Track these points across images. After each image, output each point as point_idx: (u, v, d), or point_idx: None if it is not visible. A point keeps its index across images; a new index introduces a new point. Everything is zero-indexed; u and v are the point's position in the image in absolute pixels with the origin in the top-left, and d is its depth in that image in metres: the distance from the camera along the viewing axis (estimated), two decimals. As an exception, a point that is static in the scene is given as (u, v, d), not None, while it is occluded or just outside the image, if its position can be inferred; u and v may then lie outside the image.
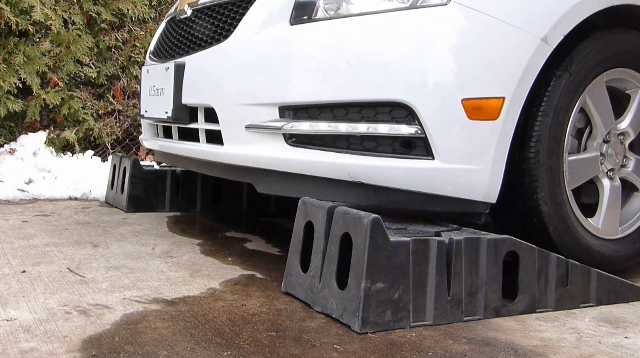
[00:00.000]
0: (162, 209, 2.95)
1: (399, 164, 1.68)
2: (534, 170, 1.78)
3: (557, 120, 1.80)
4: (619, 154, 1.99)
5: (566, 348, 1.39)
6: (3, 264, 1.83)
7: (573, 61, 1.83)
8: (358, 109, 1.70)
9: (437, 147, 1.65)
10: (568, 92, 1.82)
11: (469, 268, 1.53)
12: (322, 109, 1.74)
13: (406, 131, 1.66)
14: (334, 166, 1.73)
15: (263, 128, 1.80)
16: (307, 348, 1.28)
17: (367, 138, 1.70)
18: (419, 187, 1.69)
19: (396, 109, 1.67)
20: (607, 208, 1.97)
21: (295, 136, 1.77)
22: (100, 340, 1.26)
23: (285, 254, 2.16)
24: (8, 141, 3.79)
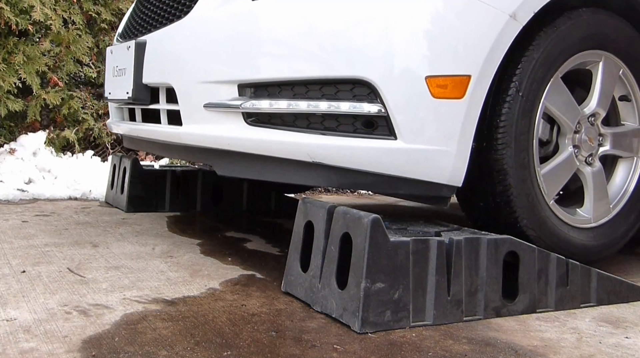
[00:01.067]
0: (162, 209, 2.95)
1: (360, 144, 1.62)
2: (503, 155, 1.72)
3: (527, 103, 1.75)
4: (593, 139, 1.94)
5: (566, 348, 1.39)
6: (3, 264, 1.83)
7: (545, 41, 1.76)
8: (319, 86, 1.64)
9: (399, 126, 1.60)
10: (538, 73, 1.77)
11: (469, 268, 1.53)
12: (282, 87, 1.68)
13: (368, 110, 1.60)
14: (293, 146, 1.67)
15: (221, 107, 1.74)
16: (307, 349, 1.28)
17: (328, 117, 1.65)
18: (381, 168, 1.63)
19: (358, 86, 1.61)
20: (593, 194, 1.96)
21: (254, 115, 1.72)
22: (100, 340, 1.26)
23: (285, 254, 2.16)
24: (8, 141, 3.79)
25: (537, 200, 1.79)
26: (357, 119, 1.63)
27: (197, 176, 3.03)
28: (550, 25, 1.79)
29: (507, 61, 1.72)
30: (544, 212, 1.82)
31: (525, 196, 1.76)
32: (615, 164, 2.10)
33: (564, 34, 1.81)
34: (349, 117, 1.63)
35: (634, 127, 2.06)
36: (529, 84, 1.75)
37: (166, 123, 2.00)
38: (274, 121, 1.70)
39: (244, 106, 1.69)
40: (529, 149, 1.77)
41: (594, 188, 1.97)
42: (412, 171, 1.63)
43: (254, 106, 1.68)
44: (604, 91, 1.95)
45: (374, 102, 1.60)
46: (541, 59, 1.76)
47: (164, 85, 1.97)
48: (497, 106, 1.74)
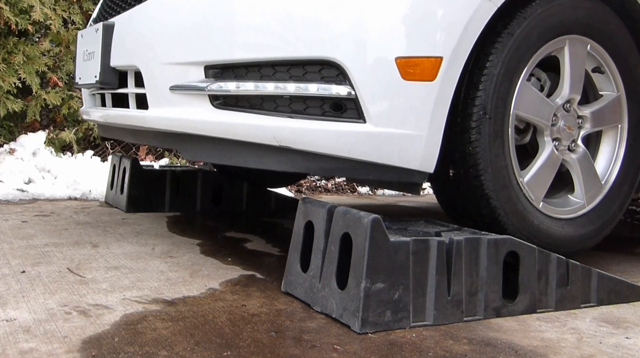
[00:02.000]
0: (162, 209, 2.95)
1: (328, 128, 1.58)
2: (476, 144, 1.68)
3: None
4: (572, 126, 1.90)
5: (567, 348, 1.39)
6: (3, 264, 1.82)
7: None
8: (286, 68, 1.60)
9: (368, 109, 1.55)
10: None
11: (469, 268, 1.53)
12: (249, 69, 1.64)
13: (336, 92, 1.56)
14: (259, 129, 1.62)
15: (187, 89, 1.70)
16: (307, 349, 1.28)
17: (296, 99, 1.60)
18: (350, 153, 1.59)
19: (326, 68, 1.57)
20: (582, 178, 1.94)
21: (221, 98, 1.68)
22: (100, 341, 1.26)
23: (285, 254, 2.16)
24: (8, 141, 3.79)
25: (522, 207, 1.78)
26: (325, 102, 1.59)
27: (197, 176, 3.03)
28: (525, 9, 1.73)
29: (483, 42, 1.66)
30: (532, 216, 1.81)
31: (507, 202, 1.75)
32: (600, 137, 2.04)
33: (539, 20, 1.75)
34: (316, 99, 1.59)
35: (613, 97, 1.99)
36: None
37: (135, 108, 1.95)
38: (240, 103, 1.66)
39: (210, 88, 1.65)
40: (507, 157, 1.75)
41: (582, 172, 1.94)
42: (382, 156, 1.59)
43: (221, 88, 1.64)
44: (574, 74, 1.88)
45: (342, 84, 1.56)
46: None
47: (132, 68, 1.92)
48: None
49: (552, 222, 1.87)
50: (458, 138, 1.71)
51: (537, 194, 1.83)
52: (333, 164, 1.63)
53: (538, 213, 1.83)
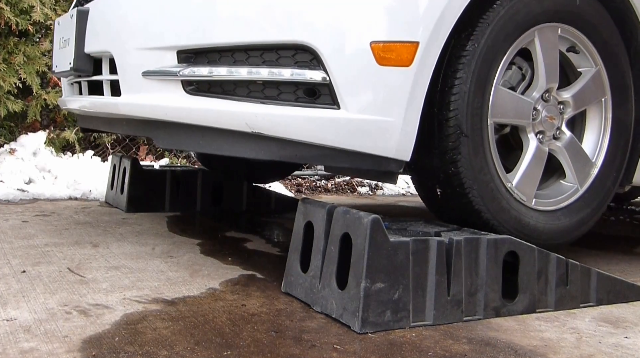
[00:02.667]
0: (162, 209, 2.95)
1: (302, 114, 1.55)
2: (459, 164, 1.66)
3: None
4: (555, 116, 1.87)
5: (566, 348, 1.39)
6: (3, 264, 1.83)
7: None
8: (259, 52, 1.57)
9: (342, 95, 1.53)
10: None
11: (468, 268, 1.53)
12: (222, 54, 1.62)
13: (310, 77, 1.53)
14: (232, 115, 1.60)
15: (159, 74, 1.67)
16: (307, 348, 1.29)
17: (269, 85, 1.58)
18: (324, 140, 1.55)
19: (300, 52, 1.54)
20: (572, 162, 1.92)
21: (194, 83, 1.65)
22: (100, 340, 1.26)
23: (285, 254, 2.16)
24: (8, 141, 3.79)
25: (516, 211, 1.77)
26: (299, 88, 1.56)
27: (197, 176, 3.03)
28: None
29: (461, 27, 1.62)
30: (527, 218, 1.80)
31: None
32: (585, 115, 2.00)
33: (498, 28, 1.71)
34: (290, 85, 1.57)
35: (593, 72, 1.94)
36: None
37: (109, 95, 1.91)
38: (213, 89, 1.63)
39: (183, 73, 1.63)
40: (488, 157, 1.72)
41: (571, 157, 1.92)
42: (357, 144, 1.56)
43: (193, 74, 1.62)
44: (548, 64, 1.82)
45: (316, 70, 1.53)
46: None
47: (105, 54, 1.89)
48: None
49: (548, 217, 1.86)
50: (438, 159, 1.69)
51: (528, 193, 1.82)
52: (307, 151, 1.60)
53: (532, 212, 1.83)
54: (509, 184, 1.77)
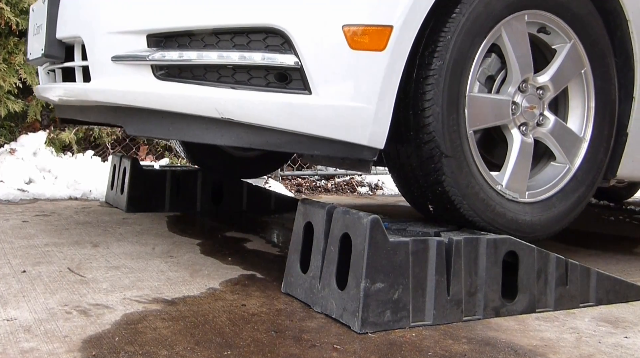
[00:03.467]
0: (162, 209, 2.95)
1: (272, 99, 1.52)
2: (445, 184, 1.64)
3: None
4: (536, 105, 1.81)
5: (566, 348, 1.39)
6: (3, 264, 1.83)
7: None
8: (230, 36, 1.55)
9: (314, 80, 1.49)
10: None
11: (468, 268, 1.53)
12: (192, 37, 1.59)
13: (281, 61, 1.50)
14: (201, 101, 1.57)
15: (129, 59, 1.63)
16: (307, 348, 1.29)
17: (239, 69, 1.55)
18: (295, 126, 1.52)
19: (270, 36, 1.51)
20: (560, 145, 1.88)
21: (163, 68, 1.62)
22: (100, 340, 1.27)
23: (285, 254, 2.16)
24: (8, 141, 3.79)
25: (512, 213, 1.76)
26: (270, 72, 1.53)
27: (197, 176, 3.04)
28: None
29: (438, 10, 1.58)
30: (523, 215, 1.79)
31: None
32: (567, 91, 1.94)
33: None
34: (261, 69, 1.54)
35: (568, 47, 1.87)
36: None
37: (81, 81, 1.86)
38: (184, 74, 1.60)
39: (152, 57, 1.60)
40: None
41: (558, 139, 1.88)
42: (328, 130, 1.53)
43: (163, 58, 1.59)
44: (519, 55, 1.76)
45: (287, 54, 1.50)
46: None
47: (77, 39, 1.85)
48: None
49: (544, 207, 1.84)
50: (424, 181, 1.68)
51: (520, 188, 1.79)
52: (278, 138, 1.57)
53: (527, 207, 1.80)
54: (499, 187, 1.75)
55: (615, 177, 2.02)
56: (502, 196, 1.75)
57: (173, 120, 1.66)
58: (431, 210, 1.75)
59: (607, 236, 3.17)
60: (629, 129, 1.98)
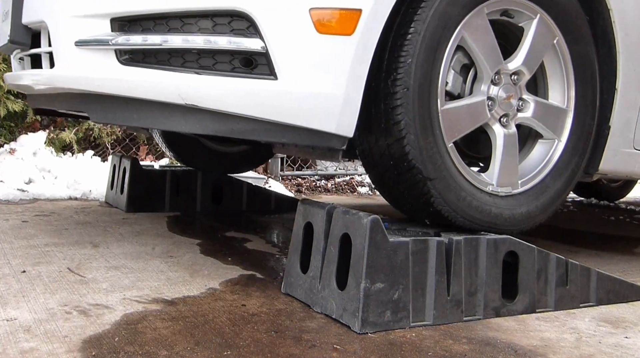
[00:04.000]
0: (162, 209, 2.95)
1: (237, 85, 1.48)
2: (435, 201, 1.60)
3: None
4: (512, 96, 1.76)
5: (566, 348, 1.39)
6: (3, 264, 1.83)
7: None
8: (195, 20, 1.52)
9: (279, 65, 1.45)
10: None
11: (468, 268, 1.53)
12: (156, 21, 1.55)
13: (247, 46, 1.46)
14: (164, 86, 1.53)
15: (92, 43, 1.59)
16: (307, 348, 1.29)
17: (204, 54, 1.51)
18: (261, 113, 1.49)
19: (236, 19, 1.48)
20: (544, 126, 1.84)
21: (127, 53, 1.58)
22: (100, 340, 1.26)
23: (285, 254, 2.16)
24: (8, 141, 3.79)
25: (509, 211, 1.74)
26: (235, 57, 1.50)
27: (197, 176, 3.03)
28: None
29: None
30: (519, 208, 1.76)
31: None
32: (543, 65, 1.86)
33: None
34: (226, 54, 1.50)
35: (534, 22, 1.78)
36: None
37: (48, 68, 1.82)
38: (148, 59, 1.56)
39: (116, 41, 1.56)
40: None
41: (541, 118, 1.82)
42: (295, 117, 1.49)
43: (127, 42, 1.55)
44: (486, 53, 1.70)
45: (252, 37, 1.46)
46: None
47: (42, 24, 1.80)
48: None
49: (538, 192, 1.80)
50: (415, 201, 1.66)
51: (512, 181, 1.76)
52: (243, 125, 1.54)
53: (522, 198, 1.77)
54: (490, 188, 1.72)
55: (598, 171, 1.98)
56: (495, 195, 1.73)
57: (137, 107, 1.62)
58: (427, 223, 1.74)
59: (607, 236, 3.17)
60: (611, 122, 1.94)
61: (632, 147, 2.02)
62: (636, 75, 1.96)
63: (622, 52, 1.91)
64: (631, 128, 1.99)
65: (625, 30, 1.90)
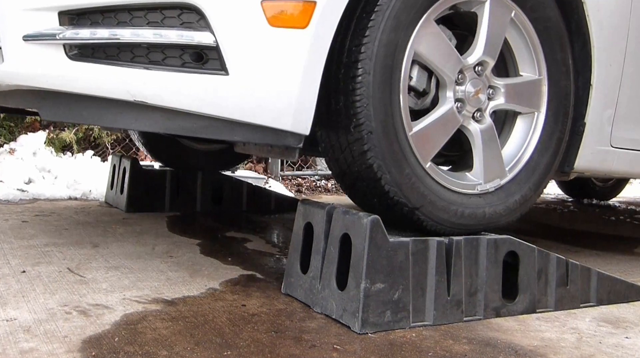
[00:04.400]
0: (162, 209, 2.95)
1: (187, 80, 1.43)
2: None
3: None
4: (480, 90, 1.69)
5: (567, 348, 1.39)
6: (3, 264, 1.83)
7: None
8: (143, 12, 1.47)
9: (231, 60, 1.41)
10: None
11: (468, 268, 1.53)
12: (105, 14, 1.51)
13: (198, 40, 1.41)
14: (113, 82, 1.48)
15: (39, 38, 1.54)
16: (307, 349, 1.28)
17: (154, 49, 1.47)
18: (212, 110, 1.44)
19: (186, 12, 1.43)
20: (518, 98, 1.76)
21: (76, 48, 1.52)
22: (100, 340, 1.26)
23: (285, 254, 2.16)
24: (8, 141, 3.79)
25: (505, 204, 1.71)
26: (186, 51, 1.45)
27: (197, 176, 3.03)
28: None
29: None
30: (515, 194, 1.73)
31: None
32: (508, 44, 1.78)
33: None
34: (176, 48, 1.46)
35: (486, 8, 1.68)
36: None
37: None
38: (97, 54, 1.51)
39: (63, 35, 1.50)
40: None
41: (516, 99, 1.76)
42: (247, 114, 1.44)
43: (75, 36, 1.50)
44: (441, 57, 1.62)
45: (203, 31, 1.41)
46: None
47: None
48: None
49: (527, 174, 1.75)
50: (408, 228, 1.63)
51: (499, 171, 1.71)
52: (195, 122, 1.49)
53: (513, 186, 1.73)
54: (479, 188, 1.69)
55: (574, 170, 1.92)
56: (485, 194, 1.70)
57: (87, 104, 1.58)
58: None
59: (608, 236, 3.17)
60: (586, 119, 1.88)
61: (609, 144, 1.97)
62: (612, 70, 1.91)
63: (596, 47, 1.85)
64: (608, 125, 1.94)
65: (600, 25, 1.85)
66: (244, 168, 4.50)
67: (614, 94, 1.93)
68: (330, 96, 1.55)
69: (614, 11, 1.89)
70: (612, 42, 1.90)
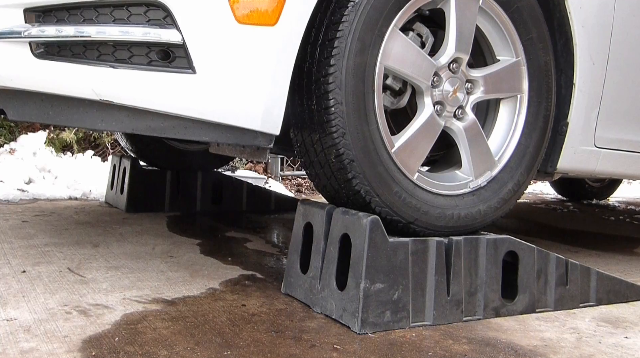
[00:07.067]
0: (162, 209, 2.95)
1: (154, 79, 1.41)
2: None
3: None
4: (459, 88, 1.67)
5: (566, 348, 1.39)
6: (3, 264, 1.83)
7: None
8: (109, 9, 1.44)
9: (198, 58, 1.38)
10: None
11: (468, 268, 1.53)
12: (71, 11, 1.48)
13: (163, 37, 1.39)
14: (78, 81, 1.45)
15: (5, 35, 1.51)
16: (306, 348, 1.29)
17: (120, 46, 1.44)
18: (179, 109, 1.42)
19: (152, 9, 1.41)
20: (496, 88, 1.73)
21: (42, 46, 1.50)
22: (100, 340, 1.27)
23: (285, 254, 2.16)
24: (8, 141, 3.80)
25: (502, 195, 1.69)
26: (152, 49, 1.43)
27: (197, 176, 3.04)
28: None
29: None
30: (510, 183, 1.71)
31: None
32: (481, 31, 1.74)
33: None
34: (142, 46, 1.43)
35: (455, 11, 1.63)
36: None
37: None
38: (63, 52, 1.49)
39: (29, 33, 1.48)
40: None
41: (495, 87, 1.74)
42: (216, 114, 1.41)
43: (41, 34, 1.47)
44: (413, 66, 1.58)
45: (169, 28, 1.39)
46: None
47: None
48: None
49: (518, 159, 1.72)
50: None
51: (490, 162, 1.69)
52: (162, 122, 1.47)
53: (505, 174, 1.71)
54: (472, 185, 1.67)
55: (557, 170, 1.90)
56: (478, 190, 1.68)
57: (52, 103, 1.55)
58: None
59: (608, 236, 3.17)
60: (569, 118, 1.85)
61: (593, 145, 1.94)
62: (595, 69, 1.88)
63: (579, 45, 1.83)
64: (591, 125, 1.91)
65: (582, 22, 1.82)
66: (244, 168, 4.50)
67: (597, 93, 1.90)
68: (309, 130, 1.53)
69: (597, 9, 1.86)
70: (595, 41, 1.86)
